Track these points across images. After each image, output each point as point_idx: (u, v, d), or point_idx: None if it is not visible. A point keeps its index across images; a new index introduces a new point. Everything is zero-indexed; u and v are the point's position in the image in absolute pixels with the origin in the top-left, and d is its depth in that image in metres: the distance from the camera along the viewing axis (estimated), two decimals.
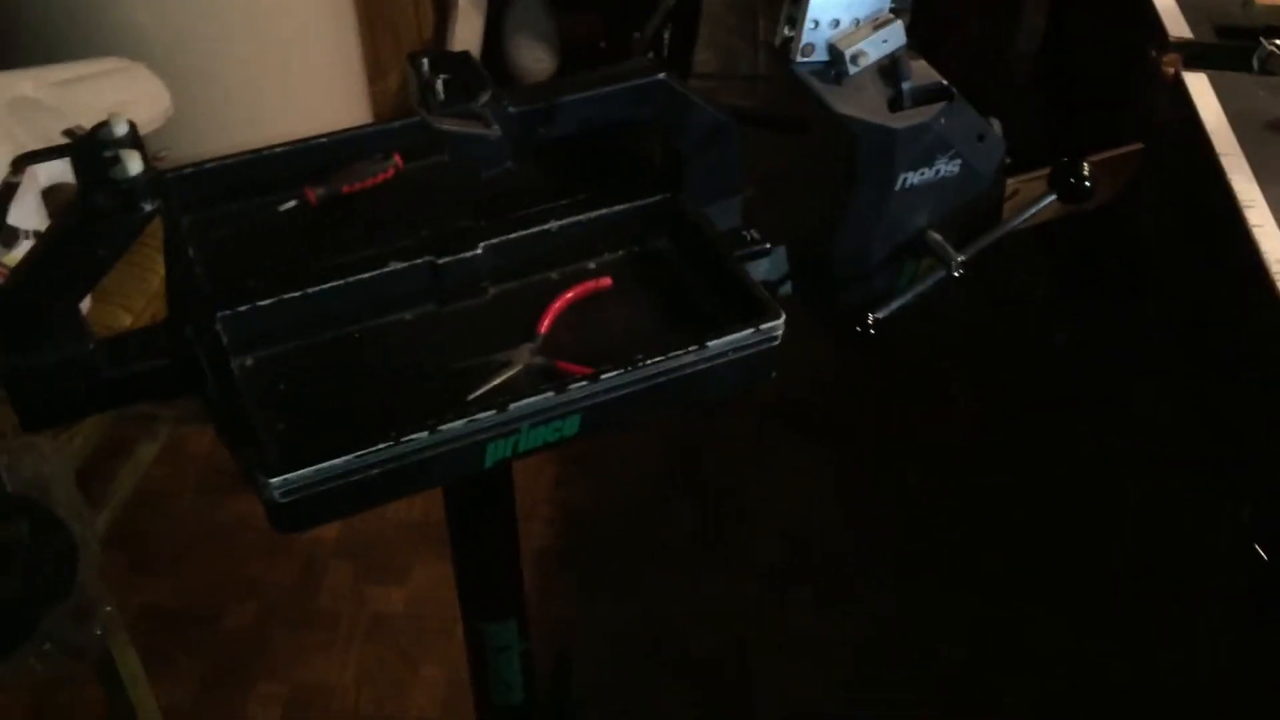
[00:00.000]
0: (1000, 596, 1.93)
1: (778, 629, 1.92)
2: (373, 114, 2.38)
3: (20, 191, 1.46)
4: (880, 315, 1.05)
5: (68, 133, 1.56)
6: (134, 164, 0.78)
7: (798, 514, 2.08)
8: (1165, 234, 1.36)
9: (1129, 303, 2.01)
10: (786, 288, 1.12)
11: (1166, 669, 1.82)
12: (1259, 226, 1.10)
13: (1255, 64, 1.34)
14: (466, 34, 2.82)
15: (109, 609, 1.22)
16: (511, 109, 0.88)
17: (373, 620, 1.95)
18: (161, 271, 1.67)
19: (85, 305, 0.90)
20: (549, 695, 1.76)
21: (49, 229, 0.85)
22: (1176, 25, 1.36)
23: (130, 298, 1.61)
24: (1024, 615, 1.91)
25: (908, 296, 1.07)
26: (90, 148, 0.80)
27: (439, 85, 0.85)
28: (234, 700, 1.83)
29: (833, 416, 2.25)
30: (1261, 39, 1.36)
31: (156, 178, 0.81)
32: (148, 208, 0.79)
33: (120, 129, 0.81)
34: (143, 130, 0.84)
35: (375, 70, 2.53)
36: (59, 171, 1.56)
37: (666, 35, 2.80)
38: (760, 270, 1.06)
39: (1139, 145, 1.17)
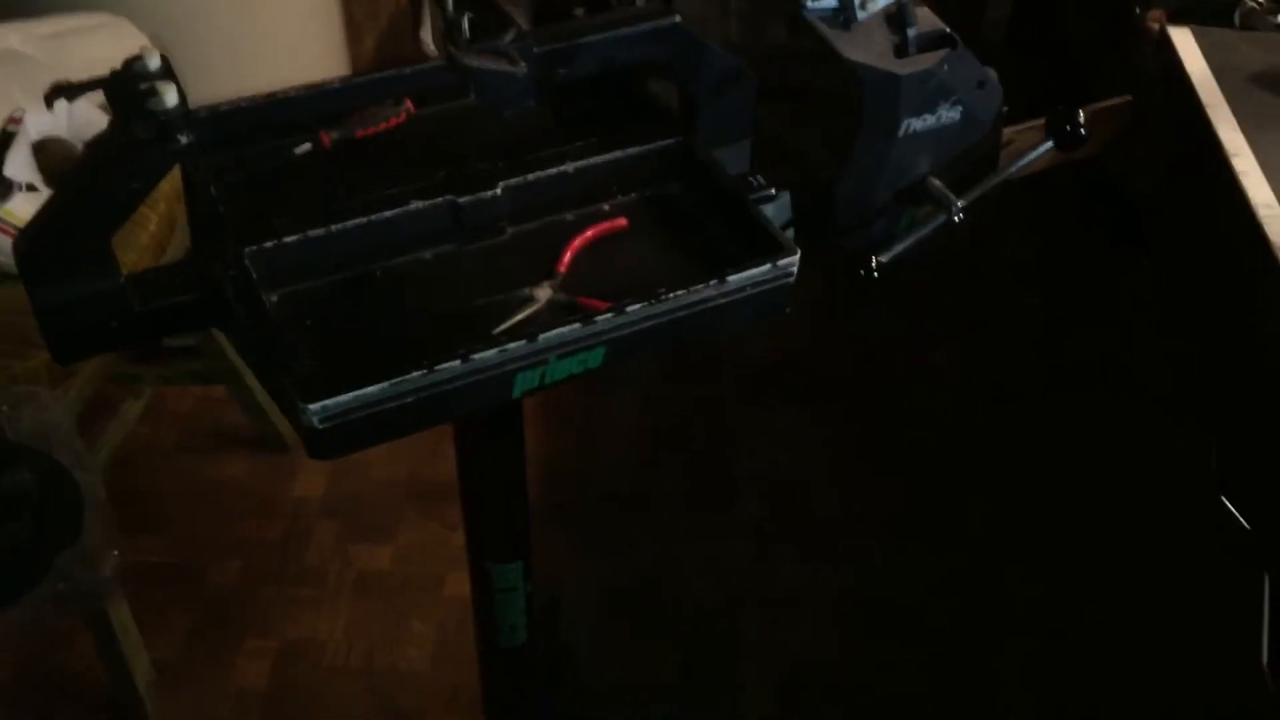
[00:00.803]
0: (984, 556, 1.97)
1: (764, 587, 1.95)
2: None
3: (15, 143, 1.46)
4: (883, 259, 1.08)
5: (56, 86, 1.56)
6: (170, 96, 0.79)
7: (784, 474, 2.11)
8: (1153, 186, 1.40)
9: (1116, 262, 2.06)
10: (789, 233, 1.14)
11: (1150, 628, 1.86)
12: (1245, 174, 1.14)
13: (1236, 19, 1.38)
14: None
15: (116, 553, 1.23)
16: (536, 48, 0.90)
17: (360, 577, 1.96)
18: (151, 227, 1.67)
19: None
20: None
21: (80, 162, 0.86)
22: None
23: (122, 251, 1.60)
24: (1008, 574, 1.94)
25: (909, 241, 1.10)
26: (125, 81, 0.81)
27: (465, 24, 0.87)
28: (223, 654, 1.84)
29: (819, 379, 2.28)
30: None
31: (189, 111, 0.82)
32: (184, 139, 0.81)
33: (154, 63, 0.82)
34: None
35: (352, 33, 2.53)
36: (49, 124, 1.56)
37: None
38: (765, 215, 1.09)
39: (1129, 97, 1.21)
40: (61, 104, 1.53)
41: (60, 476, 1.27)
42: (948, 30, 1.05)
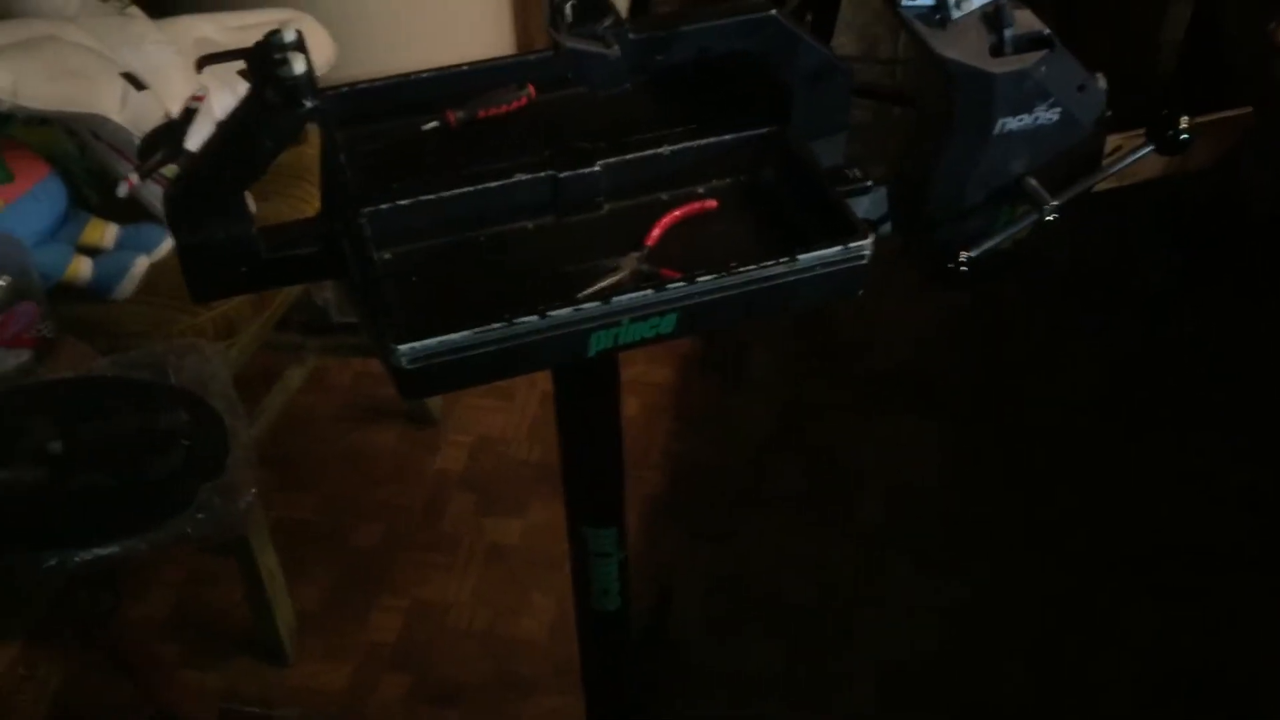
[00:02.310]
0: (1097, 575, 1.95)
1: (873, 589, 1.97)
2: None
3: (199, 120, 1.61)
4: (973, 254, 1.11)
5: (205, 56, 1.71)
6: (299, 64, 0.90)
7: (901, 480, 2.12)
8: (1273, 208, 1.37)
9: (1249, 289, 2.00)
10: (886, 228, 1.18)
11: (1260, 659, 1.81)
12: None
13: None
14: None
15: (254, 491, 1.35)
16: (632, 34, 0.97)
17: (490, 548, 2.06)
18: (316, 204, 1.81)
19: None
20: (648, 623, 1.86)
21: (224, 122, 0.97)
22: None
23: None
24: (1119, 595, 1.91)
25: (1000, 238, 1.12)
26: (263, 51, 0.91)
27: (568, 9, 0.95)
28: (359, 608, 1.97)
29: (943, 390, 2.28)
30: None
31: (314, 79, 0.92)
32: (308, 104, 0.91)
33: (289, 36, 0.92)
34: None
35: (524, 42, 2.65)
36: (232, 106, 1.71)
37: (808, 18, 2.86)
38: (861, 208, 1.12)
39: (1248, 109, 1.20)
40: (245, 88, 1.69)
41: (212, 419, 1.41)
42: (1046, 32, 1.07)
